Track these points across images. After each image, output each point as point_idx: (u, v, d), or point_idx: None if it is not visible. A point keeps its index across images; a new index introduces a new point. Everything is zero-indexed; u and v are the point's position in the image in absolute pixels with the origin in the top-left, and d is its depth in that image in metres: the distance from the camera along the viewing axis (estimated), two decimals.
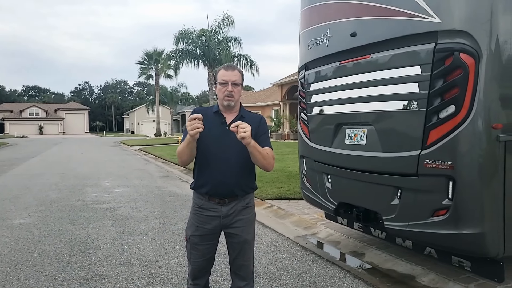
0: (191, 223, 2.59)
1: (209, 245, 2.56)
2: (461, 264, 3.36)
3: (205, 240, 2.53)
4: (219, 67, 2.57)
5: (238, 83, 2.46)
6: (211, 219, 2.50)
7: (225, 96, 2.43)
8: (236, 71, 2.48)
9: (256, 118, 2.57)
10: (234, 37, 24.75)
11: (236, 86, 2.45)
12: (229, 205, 2.49)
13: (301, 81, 4.80)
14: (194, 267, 2.58)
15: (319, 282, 3.80)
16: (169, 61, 26.73)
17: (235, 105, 2.50)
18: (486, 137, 2.89)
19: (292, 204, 7.09)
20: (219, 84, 2.47)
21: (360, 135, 3.84)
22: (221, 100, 2.47)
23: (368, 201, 3.83)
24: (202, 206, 2.52)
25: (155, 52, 45.43)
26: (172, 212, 6.84)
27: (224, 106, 2.48)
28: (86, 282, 3.79)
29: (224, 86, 2.43)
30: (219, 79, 2.46)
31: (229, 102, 2.45)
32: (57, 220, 6.20)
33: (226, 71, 2.46)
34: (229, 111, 2.50)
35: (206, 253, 2.56)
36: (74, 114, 72.87)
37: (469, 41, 2.89)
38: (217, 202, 2.49)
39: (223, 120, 2.48)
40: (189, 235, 2.57)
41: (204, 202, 2.52)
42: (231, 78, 2.43)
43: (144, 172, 12.92)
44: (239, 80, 2.48)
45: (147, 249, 4.76)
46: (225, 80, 2.43)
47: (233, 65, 2.57)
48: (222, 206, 2.49)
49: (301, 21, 4.78)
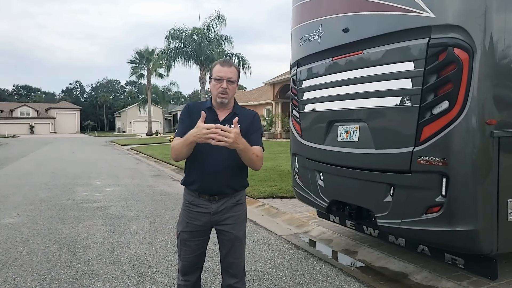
0: (181, 219, 2.54)
1: (200, 242, 2.51)
2: (454, 261, 3.34)
3: (196, 236, 2.49)
4: (215, 61, 2.48)
5: (233, 80, 2.39)
6: (201, 215, 2.46)
7: (219, 93, 2.36)
8: (232, 67, 2.40)
9: (249, 115, 2.51)
10: (225, 36, 24.69)
11: (231, 83, 2.37)
12: (219, 202, 2.45)
13: (293, 78, 4.75)
14: (184, 263, 2.54)
15: (311, 281, 3.76)
16: (160, 60, 26.53)
17: (229, 102, 2.43)
18: (480, 133, 2.87)
19: (284, 203, 7.05)
20: (213, 80, 2.38)
21: (353, 132, 3.80)
22: (215, 96, 2.40)
23: (361, 199, 3.80)
24: (192, 202, 2.47)
25: (146, 51, 45.16)
26: (164, 211, 6.76)
27: (217, 103, 2.42)
28: (75, 282, 3.71)
29: (219, 82, 2.35)
30: (214, 74, 2.38)
31: (223, 100, 2.38)
32: (46, 219, 6.09)
33: (222, 67, 2.37)
34: (223, 108, 2.44)
35: (196, 249, 2.52)
36: (65, 113, 72.14)
37: (463, 36, 2.87)
38: (207, 199, 2.44)
39: (216, 117, 2.41)
40: (180, 231, 2.53)
41: (194, 198, 2.47)
42: (227, 74, 2.35)
43: (135, 171, 12.80)
44: (235, 77, 2.40)
45: (137, 248, 4.69)
46: (220, 76, 2.35)
47: (229, 60, 2.47)
48: (212, 203, 2.44)
49: (293, 17, 4.74)
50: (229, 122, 2.35)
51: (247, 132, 2.37)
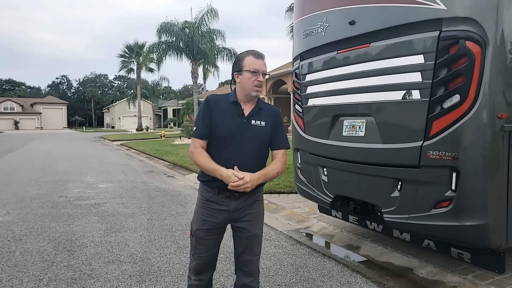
0: (197, 216, 2.46)
1: (215, 239, 2.45)
2: (461, 256, 3.32)
3: (212, 234, 2.42)
4: (243, 53, 2.40)
5: (266, 73, 2.37)
6: (220, 212, 2.38)
7: (255, 86, 2.31)
8: (264, 60, 2.37)
9: (273, 111, 2.48)
10: (218, 30, 24.45)
11: (264, 76, 2.35)
12: (239, 199, 2.37)
13: (296, 71, 4.67)
14: (199, 262, 2.46)
15: (318, 277, 3.71)
16: (151, 54, 26.14)
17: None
18: (491, 127, 2.83)
19: (282, 198, 7.00)
20: (248, 73, 2.30)
21: (359, 127, 3.75)
22: (249, 90, 2.32)
23: (367, 194, 3.75)
24: (211, 199, 2.40)
25: (136, 45, 44.63)
26: (160, 207, 6.65)
27: (246, 96, 2.36)
28: (74, 282, 3.60)
29: (255, 75, 2.30)
30: (250, 67, 2.30)
31: (258, 93, 2.35)
32: (38, 218, 5.93)
33: (257, 60, 2.32)
34: (248, 102, 2.38)
35: (212, 247, 2.45)
36: (52, 108, 70.95)
37: (475, 28, 2.81)
38: (227, 196, 2.36)
39: (241, 112, 2.35)
40: (195, 229, 2.45)
41: (212, 195, 2.39)
42: (262, 67, 2.33)
43: (127, 167, 12.62)
44: (267, 71, 2.38)
45: (136, 246, 4.59)
46: (257, 69, 2.30)
47: (263, 54, 2.40)
48: (232, 200, 2.37)
49: (295, 9, 4.65)
50: (255, 118, 2.36)
51: (272, 131, 2.39)
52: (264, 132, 2.37)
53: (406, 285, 3.52)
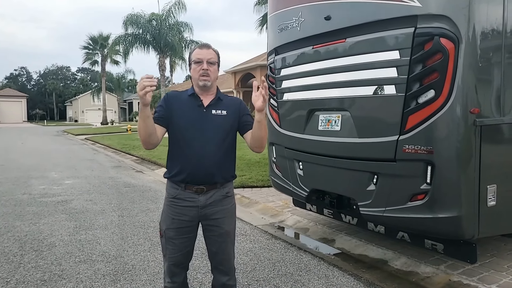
0: (165, 216, 2.39)
1: (186, 239, 2.38)
2: (434, 247, 3.43)
3: (182, 233, 2.35)
4: (193, 47, 2.40)
5: (214, 61, 2.32)
6: (188, 209, 2.32)
7: (201, 76, 2.28)
8: (211, 49, 2.34)
9: (234, 101, 2.46)
10: (185, 23, 24.01)
11: (211, 65, 2.30)
12: (207, 194, 2.32)
13: (270, 66, 4.65)
14: (170, 263, 2.40)
15: (295, 271, 3.73)
16: (117, 46, 25.32)
17: (212, 86, 2.35)
18: (464, 121, 2.92)
19: (255, 192, 6.99)
20: (193, 63, 2.31)
21: (334, 121, 3.78)
22: (196, 80, 2.31)
23: (343, 188, 3.80)
24: (177, 196, 2.33)
25: (100, 36, 43.19)
26: (131, 203, 6.49)
27: (199, 87, 2.32)
28: (44, 284, 3.45)
29: (199, 64, 2.28)
30: (194, 57, 2.31)
31: (205, 82, 2.29)
32: (1, 217, 5.64)
33: (200, 50, 2.32)
34: (206, 93, 2.35)
35: (183, 247, 2.38)
36: (10, 101, 67.47)
37: (449, 25, 2.88)
38: (195, 191, 2.31)
39: (200, 103, 2.32)
40: (164, 229, 2.38)
41: (179, 191, 2.33)
42: (206, 56, 2.29)
43: (94, 162, 12.23)
44: (215, 59, 2.33)
45: (108, 244, 4.45)
46: (200, 59, 2.28)
47: (208, 44, 2.40)
48: (200, 195, 2.32)
49: (270, 3, 4.61)
50: (215, 107, 2.33)
51: (236, 117, 2.36)
52: (226, 120, 2.33)
53: (381, 277, 3.59)
